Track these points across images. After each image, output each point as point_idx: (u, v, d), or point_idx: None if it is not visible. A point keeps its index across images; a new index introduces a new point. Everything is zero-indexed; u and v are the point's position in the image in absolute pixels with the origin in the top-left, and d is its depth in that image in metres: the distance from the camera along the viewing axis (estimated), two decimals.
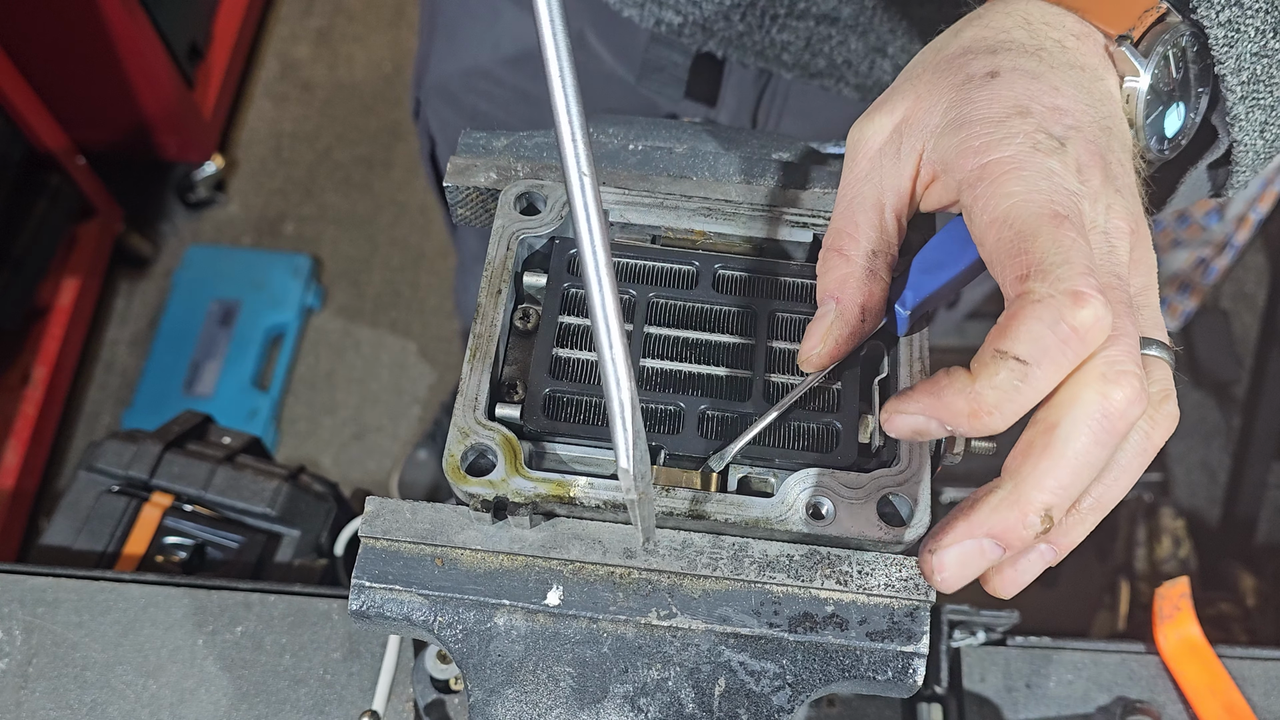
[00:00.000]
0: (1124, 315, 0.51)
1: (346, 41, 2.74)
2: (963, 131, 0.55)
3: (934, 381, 0.51)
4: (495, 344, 0.64)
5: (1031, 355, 0.48)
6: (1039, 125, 0.54)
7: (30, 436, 2.06)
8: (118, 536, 0.93)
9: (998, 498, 0.50)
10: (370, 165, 2.58)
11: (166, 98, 2.29)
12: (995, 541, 0.51)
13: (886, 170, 0.59)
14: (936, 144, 0.57)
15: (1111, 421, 0.49)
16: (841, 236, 0.60)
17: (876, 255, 0.60)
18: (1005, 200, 0.51)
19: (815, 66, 0.99)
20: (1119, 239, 0.54)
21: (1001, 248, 0.51)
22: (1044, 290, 0.48)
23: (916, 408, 0.51)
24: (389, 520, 0.60)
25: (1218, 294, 2.32)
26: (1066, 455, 0.49)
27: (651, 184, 0.71)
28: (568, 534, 0.60)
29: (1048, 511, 0.50)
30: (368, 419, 2.31)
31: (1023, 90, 0.55)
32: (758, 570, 0.59)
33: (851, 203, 0.60)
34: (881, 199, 0.59)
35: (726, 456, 0.60)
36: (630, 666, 0.57)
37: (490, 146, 0.72)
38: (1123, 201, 0.55)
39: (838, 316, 0.60)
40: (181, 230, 2.49)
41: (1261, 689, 0.81)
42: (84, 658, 0.82)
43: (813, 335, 0.60)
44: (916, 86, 0.59)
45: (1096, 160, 0.54)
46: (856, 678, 0.57)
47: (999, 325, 0.49)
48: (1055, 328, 0.47)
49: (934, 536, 0.53)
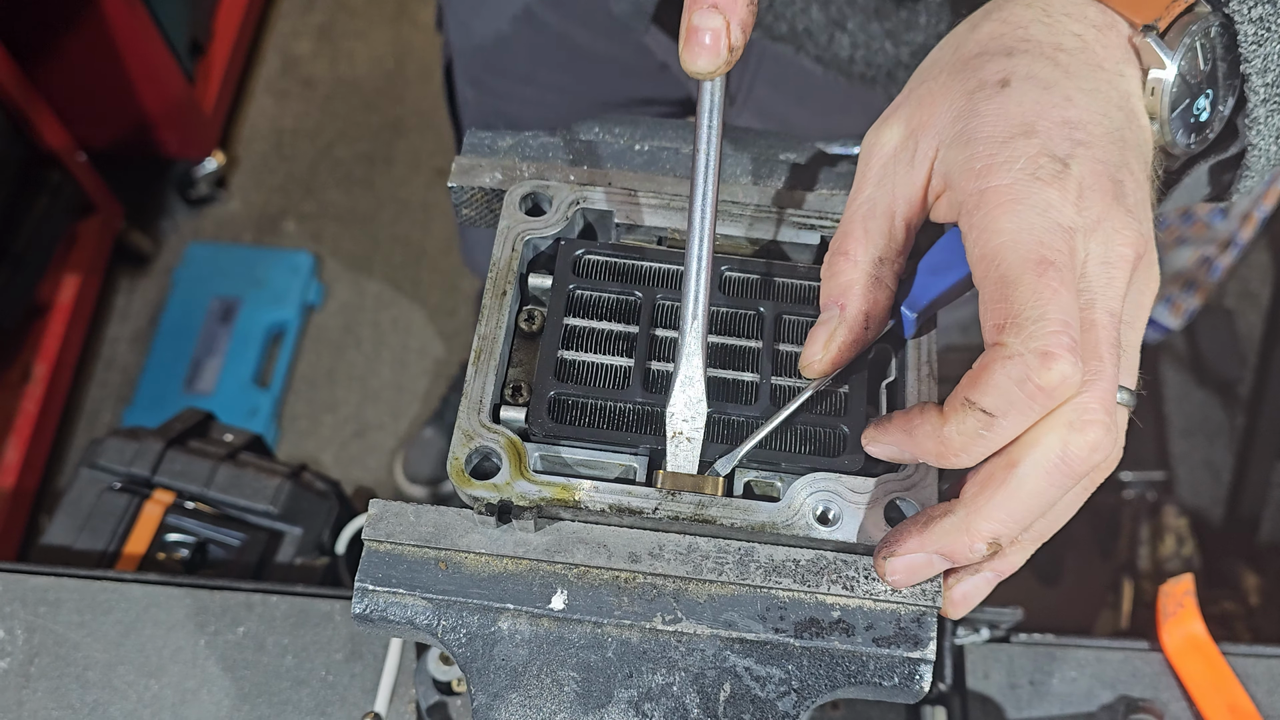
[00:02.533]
0: (1107, 357, 0.51)
1: (348, 37, 2.73)
2: (968, 149, 0.54)
3: (908, 418, 0.54)
4: (500, 346, 0.63)
5: (998, 408, 0.50)
6: (1043, 146, 0.53)
7: (31, 434, 2.06)
8: (119, 534, 0.93)
9: (950, 522, 0.53)
10: (372, 162, 2.58)
11: (167, 94, 2.29)
12: (943, 557, 0.55)
13: (899, 177, 0.58)
14: (945, 155, 0.56)
15: (1070, 466, 0.51)
16: (848, 240, 0.59)
17: (883, 263, 0.59)
18: (995, 238, 0.51)
19: (778, 30, 0.98)
20: (1119, 269, 0.53)
21: (986, 289, 0.52)
22: (1016, 346, 0.49)
23: (890, 439, 0.56)
24: (392, 523, 0.60)
25: (1222, 292, 2.31)
26: (1020, 494, 0.51)
27: (658, 185, 0.70)
28: (572, 538, 0.59)
29: (995, 540, 0.53)
30: (369, 416, 2.30)
31: (1032, 104, 0.54)
32: (764, 575, 0.58)
33: (861, 208, 0.60)
34: (893, 206, 0.59)
35: (733, 460, 0.60)
36: (635, 671, 0.57)
37: (495, 146, 0.72)
38: (1131, 224, 0.54)
39: (841, 323, 0.59)
40: (182, 227, 2.49)
41: (1265, 687, 0.81)
42: (86, 657, 0.82)
43: (815, 341, 0.60)
44: (931, 89, 0.58)
45: (1103, 181, 0.53)
46: (863, 683, 0.57)
47: (972, 373, 0.51)
48: (1022, 385, 0.49)
49: (887, 543, 0.56)
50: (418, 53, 2.71)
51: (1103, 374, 0.51)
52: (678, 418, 0.60)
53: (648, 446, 0.61)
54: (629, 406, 0.63)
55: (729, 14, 0.52)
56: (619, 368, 0.64)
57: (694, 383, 0.60)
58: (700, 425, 0.60)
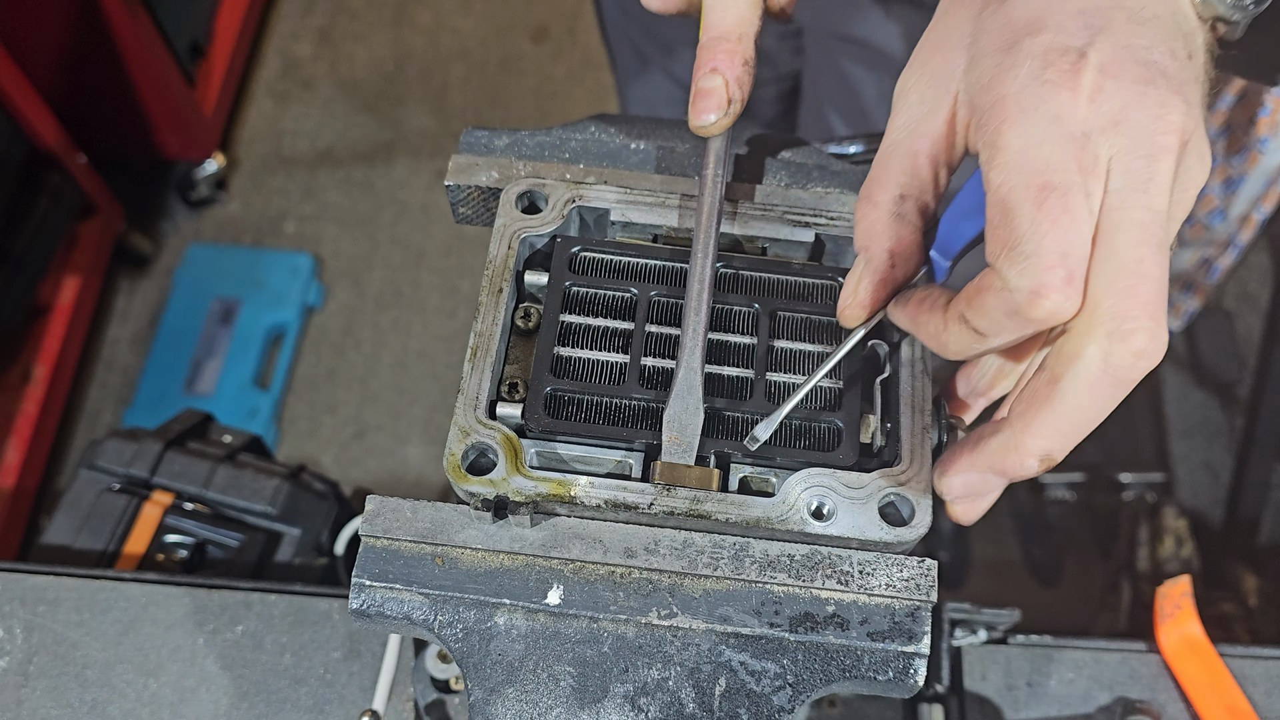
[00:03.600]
0: (1149, 259, 0.49)
1: (348, 40, 2.74)
2: (977, 68, 0.53)
3: (919, 306, 0.56)
4: (496, 343, 0.64)
5: (989, 331, 0.51)
6: (1053, 40, 0.51)
7: (31, 435, 2.06)
8: (118, 534, 0.93)
9: (999, 441, 0.53)
10: (371, 163, 2.58)
11: (168, 96, 2.29)
12: (997, 475, 0.55)
13: (921, 116, 0.57)
14: (963, 83, 0.55)
15: (1115, 376, 0.50)
16: (871, 185, 0.58)
17: (905, 199, 0.57)
18: (999, 156, 0.50)
19: None
20: (1161, 160, 0.49)
21: (990, 211, 0.51)
22: (1011, 279, 0.49)
23: (899, 320, 0.58)
24: (389, 519, 0.60)
25: (1221, 294, 2.31)
26: (1066, 410, 0.51)
27: (653, 183, 0.71)
28: (568, 533, 0.60)
29: (1047, 455, 0.52)
30: (368, 418, 2.31)
31: (1040, 3, 0.52)
32: (759, 570, 0.58)
33: (884, 151, 0.58)
34: (914, 145, 0.57)
35: (772, 425, 0.60)
36: (631, 666, 0.57)
37: (492, 145, 0.72)
38: (1173, 106, 0.50)
39: (866, 265, 0.58)
40: (182, 229, 2.49)
41: (1263, 688, 0.81)
42: (84, 656, 0.82)
43: (845, 288, 0.59)
44: (945, 23, 0.57)
45: (1128, 66, 0.50)
46: (857, 678, 0.57)
47: (970, 290, 0.52)
48: (1012, 317, 0.50)
49: (942, 464, 0.57)
50: (417, 55, 2.71)
51: (1146, 276, 0.49)
52: (676, 419, 0.60)
53: (643, 442, 0.61)
54: (625, 403, 0.63)
55: (726, 74, 0.62)
56: (615, 364, 0.64)
57: (693, 388, 0.60)
58: (698, 426, 0.60)
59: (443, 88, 2.67)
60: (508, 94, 2.66)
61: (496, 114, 2.62)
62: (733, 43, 0.62)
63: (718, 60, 0.62)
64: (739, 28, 0.62)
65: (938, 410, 0.63)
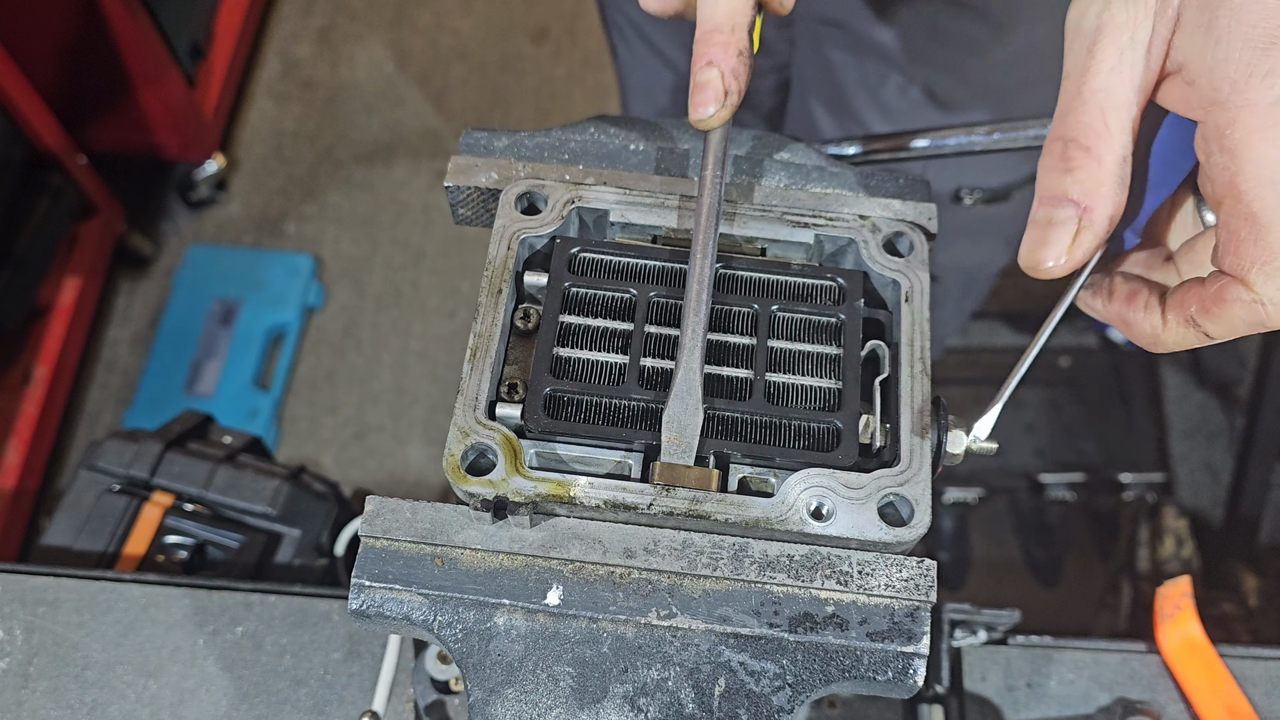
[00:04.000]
0: None
1: (348, 41, 2.74)
2: (1219, 46, 0.49)
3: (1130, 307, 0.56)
4: (496, 343, 0.64)
5: (1221, 335, 0.52)
6: None
7: (31, 436, 2.06)
8: (118, 535, 0.93)
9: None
10: (371, 164, 2.58)
11: (168, 97, 2.29)
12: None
13: (1137, 62, 0.52)
14: (1185, 39, 0.50)
15: None
16: (1090, 133, 0.53)
17: (1126, 161, 0.53)
18: (1250, 168, 0.48)
19: None
20: None
21: (1232, 220, 0.49)
22: (1265, 293, 0.49)
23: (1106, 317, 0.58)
24: (389, 520, 0.60)
25: None
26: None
27: (652, 184, 0.71)
28: (568, 534, 0.60)
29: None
30: (368, 418, 2.31)
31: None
32: (758, 570, 0.58)
33: (1097, 96, 0.53)
34: (1133, 96, 0.52)
35: (991, 420, 0.60)
36: (630, 666, 0.57)
37: (491, 146, 0.72)
38: None
39: (1088, 227, 0.54)
40: (182, 229, 2.49)
41: (1263, 689, 0.81)
42: (84, 657, 0.82)
43: (1054, 243, 0.54)
44: None
45: None
46: (857, 678, 0.57)
47: (1207, 299, 0.51)
48: (1254, 326, 0.50)
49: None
50: (417, 56, 2.72)
51: None
52: (675, 419, 0.60)
53: (642, 443, 0.61)
54: (624, 403, 0.63)
55: (722, 66, 0.62)
56: (614, 364, 0.64)
57: (692, 389, 0.61)
58: (697, 427, 0.60)
59: (443, 88, 2.67)
60: (508, 95, 2.66)
61: (496, 115, 2.63)
62: (726, 34, 0.62)
63: (712, 53, 0.62)
64: (731, 19, 0.63)
65: (937, 410, 0.63)
